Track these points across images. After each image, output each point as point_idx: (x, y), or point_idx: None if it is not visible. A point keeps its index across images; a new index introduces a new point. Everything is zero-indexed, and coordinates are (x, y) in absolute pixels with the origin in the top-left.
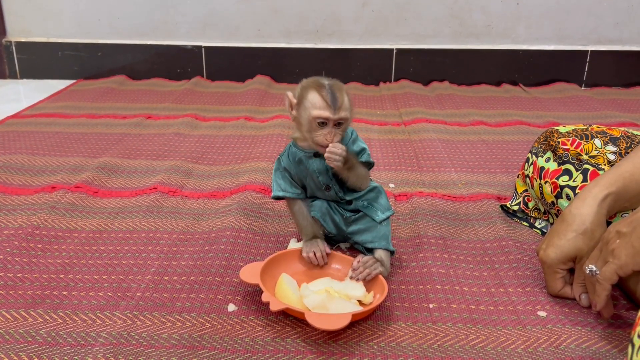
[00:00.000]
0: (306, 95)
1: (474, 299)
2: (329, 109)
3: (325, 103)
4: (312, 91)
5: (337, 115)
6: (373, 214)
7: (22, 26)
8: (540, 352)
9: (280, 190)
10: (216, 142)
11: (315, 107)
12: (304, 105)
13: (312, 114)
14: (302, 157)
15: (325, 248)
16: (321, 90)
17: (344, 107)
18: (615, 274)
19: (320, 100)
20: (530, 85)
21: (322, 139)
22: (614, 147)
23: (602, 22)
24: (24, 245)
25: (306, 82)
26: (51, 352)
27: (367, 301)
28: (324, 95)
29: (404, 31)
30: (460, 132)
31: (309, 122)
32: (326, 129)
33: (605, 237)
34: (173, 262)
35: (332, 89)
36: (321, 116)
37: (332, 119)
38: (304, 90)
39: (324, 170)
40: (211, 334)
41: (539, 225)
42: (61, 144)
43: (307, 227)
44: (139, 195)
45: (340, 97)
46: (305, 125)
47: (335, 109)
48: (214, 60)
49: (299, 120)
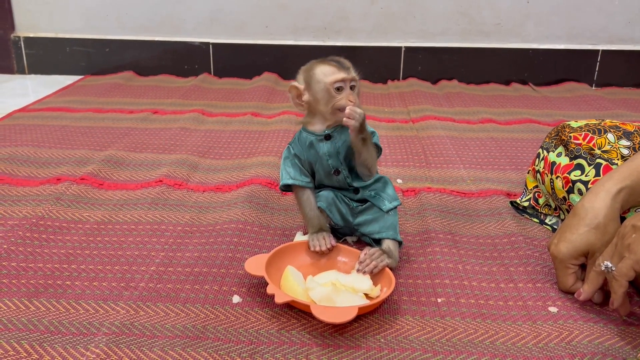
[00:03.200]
0: (314, 72)
1: (483, 294)
2: (343, 70)
3: (336, 67)
4: (319, 65)
5: (351, 74)
6: (380, 204)
7: (31, 21)
8: (551, 348)
9: (289, 178)
10: (222, 136)
11: (328, 75)
12: (315, 79)
13: (328, 81)
14: (312, 141)
15: (331, 240)
16: (326, 61)
17: (352, 68)
18: (632, 269)
19: (330, 67)
20: (540, 84)
21: (344, 101)
22: (627, 142)
23: (613, 21)
24: (28, 236)
25: (306, 65)
26: (53, 341)
27: (373, 294)
28: (330, 63)
29: (413, 29)
30: (469, 130)
31: (326, 91)
32: (344, 92)
33: (620, 232)
34: (178, 254)
35: (334, 59)
36: (337, 79)
37: (348, 79)
38: (309, 70)
39: (334, 153)
40: (215, 324)
41: (550, 221)
42: (67, 137)
43: (313, 218)
44: (144, 187)
45: (346, 61)
46: (323, 98)
47: (347, 69)
48: (222, 57)
49: (315, 98)
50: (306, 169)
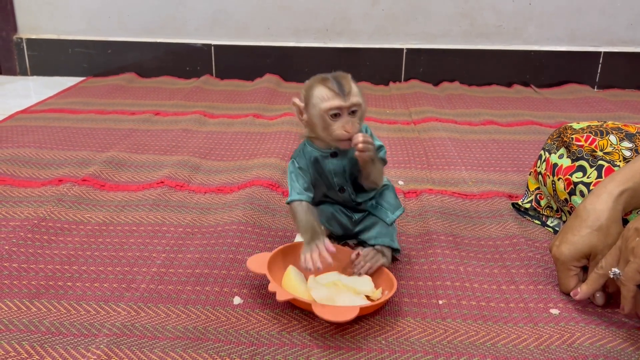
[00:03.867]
0: (312, 93)
1: (484, 296)
2: (338, 97)
3: (333, 92)
4: (317, 86)
5: (349, 101)
6: (384, 216)
7: (33, 23)
8: (552, 350)
9: (296, 194)
10: (224, 138)
11: (324, 100)
12: (312, 103)
13: (322, 107)
14: (318, 157)
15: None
16: (325, 83)
17: (353, 93)
18: (638, 272)
19: (327, 91)
20: (542, 86)
21: (340, 131)
22: (629, 144)
23: (615, 23)
24: (29, 237)
25: (308, 81)
26: (54, 342)
27: (375, 297)
28: (329, 86)
29: (414, 30)
30: (471, 132)
31: (321, 117)
32: (341, 120)
33: (624, 236)
34: (179, 255)
35: (336, 79)
36: (332, 106)
37: (345, 107)
38: (309, 89)
39: (340, 171)
40: (216, 326)
41: (551, 223)
42: (69, 138)
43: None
44: (145, 189)
45: (347, 84)
46: (319, 123)
47: (345, 95)
48: (224, 59)
49: (311, 121)
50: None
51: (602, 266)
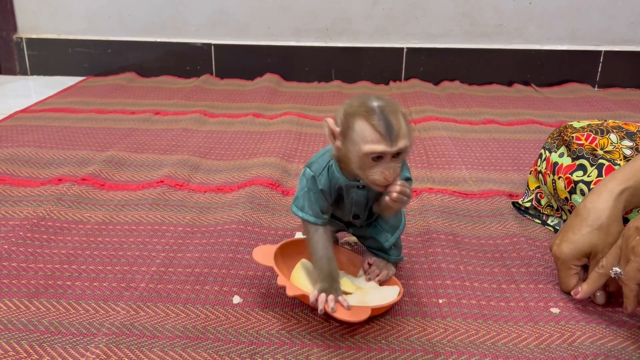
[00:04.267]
0: (353, 126)
1: (484, 295)
2: (384, 142)
3: (379, 134)
4: (360, 120)
5: (396, 147)
6: (382, 239)
7: (33, 23)
8: (553, 349)
9: (311, 216)
10: (224, 137)
11: (366, 142)
12: (351, 138)
13: (363, 150)
14: (343, 186)
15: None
16: (371, 119)
17: (402, 135)
18: (639, 272)
19: (372, 132)
20: (542, 85)
21: (380, 178)
22: (630, 142)
23: (616, 22)
24: (28, 236)
25: (350, 106)
26: (53, 341)
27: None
28: (375, 124)
29: (415, 30)
30: (471, 131)
31: (360, 158)
32: (382, 165)
33: (624, 235)
34: (178, 254)
35: (384, 114)
36: (376, 151)
37: (390, 152)
38: (349, 118)
39: (362, 202)
40: (215, 325)
41: (552, 222)
42: (69, 138)
43: (324, 261)
44: (145, 188)
45: (397, 123)
46: (356, 162)
47: (392, 139)
48: (224, 58)
49: (347, 154)
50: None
51: (603, 265)
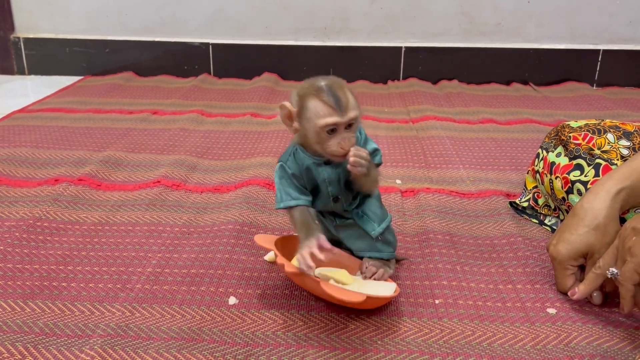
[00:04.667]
0: (306, 105)
1: (481, 296)
2: (335, 114)
3: (330, 108)
4: (312, 98)
5: (346, 117)
6: (369, 228)
7: (31, 22)
8: (549, 350)
9: (291, 199)
10: (221, 137)
11: (320, 116)
12: (306, 117)
13: (318, 124)
14: (310, 165)
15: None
16: (321, 96)
17: (350, 106)
18: (636, 272)
19: (324, 107)
20: (541, 84)
21: (337, 148)
22: (627, 142)
23: (615, 21)
24: (24, 237)
25: (302, 88)
26: (47, 343)
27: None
28: (325, 100)
29: (413, 29)
30: (469, 130)
31: (317, 133)
32: (338, 136)
33: (621, 235)
34: (174, 255)
35: (332, 90)
36: (329, 123)
37: (342, 123)
38: (302, 99)
39: (335, 180)
40: (211, 326)
41: (549, 222)
42: (66, 138)
43: (302, 221)
44: (142, 188)
45: (344, 96)
46: (313, 137)
47: (342, 111)
48: (222, 58)
49: (304, 132)
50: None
51: (600, 266)
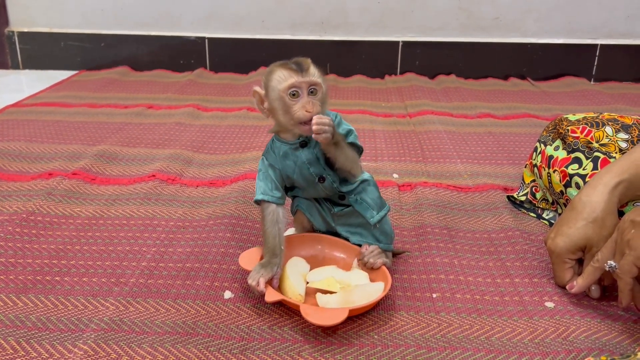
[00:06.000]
0: (271, 77)
1: (478, 289)
2: (295, 74)
3: (290, 70)
4: (276, 69)
5: (307, 77)
6: (368, 215)
7: (25, 16)
8: (547, 343)
9: (260, 193)
10: (217, 131)
11: (282, 80)
12: (271, 86)
13: (281, 88)
14: (287, 150)
15: (266, 283)
16: (284, 65)
17: (311, 72)
18: (634, 265)
19: (285, 71)
20: (539, 79)
21: (301, 112)
22: (625, 135)
23: (612, 16)
24: (17, 231)
25: (267, 69)
26: (40, 337)
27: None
28: (286, 66)
29: (411, 23)
30: (467, 124)
31: (281, 99)
32: (302, 101)
33: (620, 228)
34: (169, 249)
35: (295, 61)
36: (290, 85)
37: (303, 82)
38: (268, 74)
39: (314, 160)
40: (206, 320)
41: (547, 216)
42: (60, 132)
43: (270, 237)
44: (136, 182)
45: (305, 63)
46: (280, 106)
47: (303, 71)
48: (218, 52)
49: (272, 107)
50: (282, 182)
51: (598, 259)
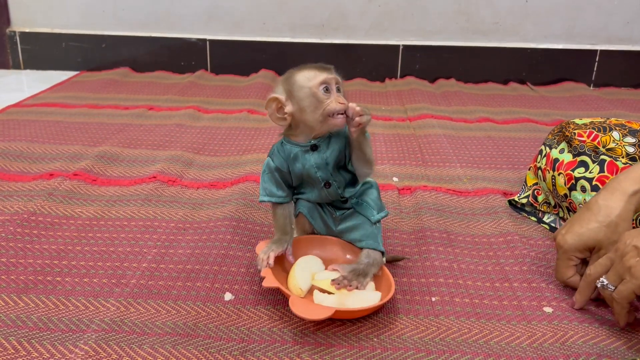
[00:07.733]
0: (295, 79)
1: (477, 293)
2: (325, 71)
3: (318, 69)
4: (299, 71)
5: (334, 74)
6: (369, 214)
7: (27, 16)
8: (545, 348)
9: (265, 195)
10: (218, 133)
11: (311, 78)
12: (298, 86)
13: (312, 85)
14: (297, 152)
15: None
16: (306, 67)
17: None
18: (634, 293)
19: (312, 71)
20: (538, 84)
21: (334, 104)
22: (632, 139)
23: (612, 21)
24: (18, 231)
25: (284, 75)
26: (41, 337)
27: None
28: (311, 67)
29: (411, 27)
30: (466, 129)
31: (313, 95)
32: (332, 96)
33: (620, 250)
34: (170, 251)
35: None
36: (322, 80)
37: (332, 78)
38: (289, 79)
39: (323, 165)
40: (206, 322)
41: (548, 219)
42: (61, 132)
43: (280, 219)
44: (137, 183)
45: (326, 65)
46: (310, 103)
47: (329, 69)
48: (219, 54)
49: (299, 108)
50: (289, 181)
51: (590, 274)
